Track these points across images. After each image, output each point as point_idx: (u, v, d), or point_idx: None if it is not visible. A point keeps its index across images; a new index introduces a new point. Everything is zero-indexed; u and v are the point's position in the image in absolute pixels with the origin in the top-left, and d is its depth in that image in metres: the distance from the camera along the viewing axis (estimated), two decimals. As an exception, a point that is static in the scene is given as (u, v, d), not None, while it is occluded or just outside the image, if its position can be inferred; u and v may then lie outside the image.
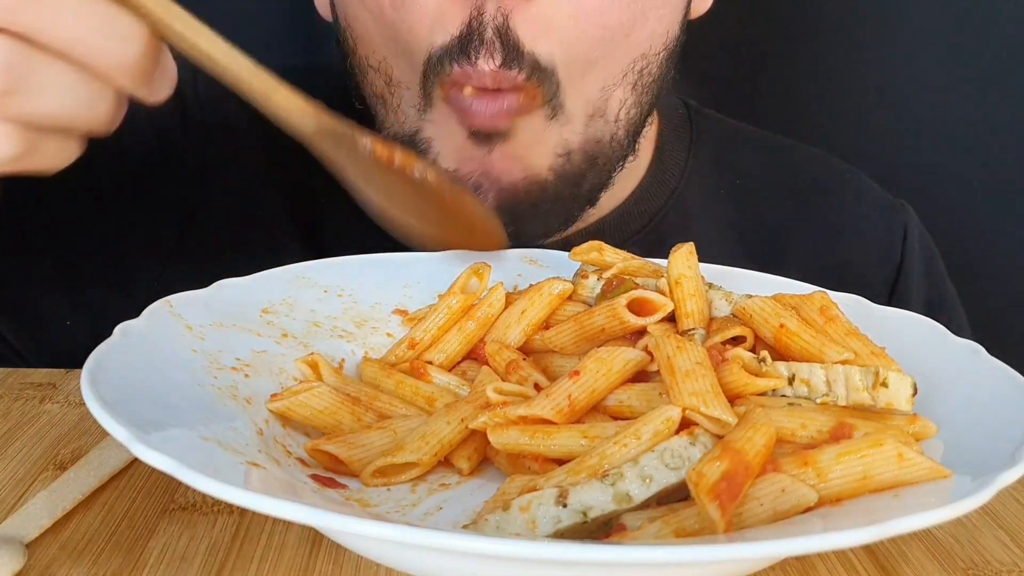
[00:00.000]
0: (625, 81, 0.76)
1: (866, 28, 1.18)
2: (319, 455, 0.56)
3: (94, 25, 0.42)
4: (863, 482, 0.45)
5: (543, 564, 0.42)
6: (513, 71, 0.70)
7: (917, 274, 0.96)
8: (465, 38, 0.70)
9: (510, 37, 0.70)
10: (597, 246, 0.67)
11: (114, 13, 0.42)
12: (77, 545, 0.52)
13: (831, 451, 0.46)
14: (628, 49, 0.75)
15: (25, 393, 0.69)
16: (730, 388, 0.54)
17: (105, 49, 0.42)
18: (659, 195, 0.92)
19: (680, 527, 0.44)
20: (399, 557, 0.47)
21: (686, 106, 0.97)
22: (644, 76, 0.77)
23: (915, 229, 0.97)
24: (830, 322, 0.58)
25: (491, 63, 0.70)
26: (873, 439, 0.46)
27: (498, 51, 0.70)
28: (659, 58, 0.78)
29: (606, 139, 0.78)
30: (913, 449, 0.46)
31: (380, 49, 0.77)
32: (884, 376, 0.51)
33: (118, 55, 0.43)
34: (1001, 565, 0.53)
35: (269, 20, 1.14)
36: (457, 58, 0.71)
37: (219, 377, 0.58)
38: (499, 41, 0.70)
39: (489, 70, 0.70)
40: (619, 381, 0.56)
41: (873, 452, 0.45)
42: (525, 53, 0.71)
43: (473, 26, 0.70)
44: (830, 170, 0.99)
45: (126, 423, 0.44)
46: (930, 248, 0.99)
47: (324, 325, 0.68)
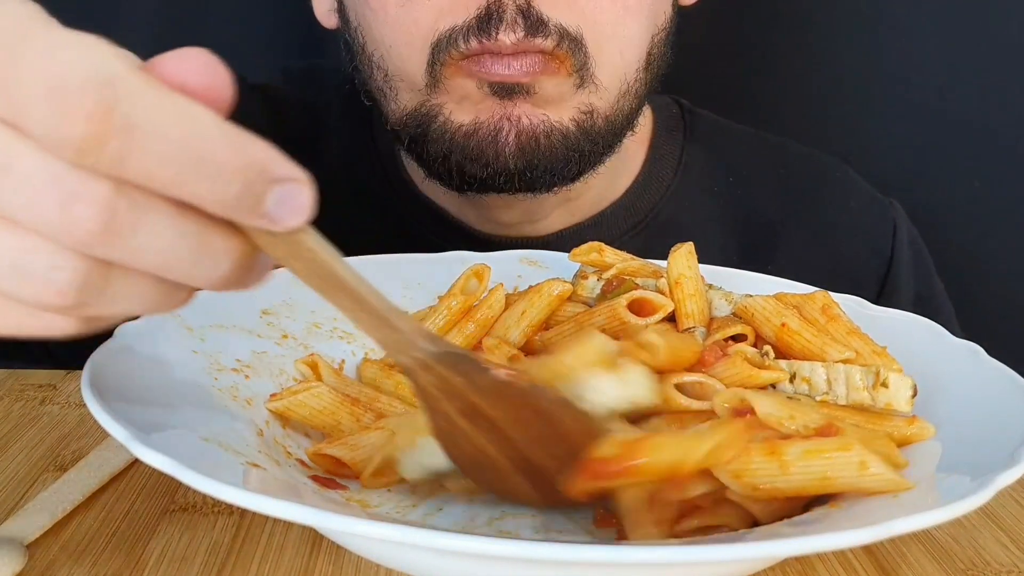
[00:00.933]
0: (645, 60, 0.79)
1: (862, 26, 1.18)
2: (321, 459, 0.56)
3: (181, 252, 0.37)
4: (823, 482, 0.46)
5: (543, 564, 0.42)
6: (539, 39, 0.71)
7: (906, 269, 0.97)
8: (484, 18, 0.71)
9: (532, 12, 0.71)
10: (597, 247, 0.67)
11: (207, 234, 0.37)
12: (78, 546, 0.52)
13: (800, 446, 0.46)
14: (647, 28, 0.78)
15: (26, 394, 0.69)
16: (733, 381, 0.54)
17: (188, 271, 0.38)
18: (653, 192, 0.93)
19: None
20: (399, 558, 0.47)
21: (679, 105, 0.99)
22: (652, 56, 0.80)
23: (904, 225, 0.98)
24: (832, 321, 0.58)
25: (512, 36, 0.71)
26: (841, 442, 0.46)
27: (520, 26, 0.71)
28: (660, 38, 0.81)
29: (627, 111, 0.80)
30: (884, 460, 0.46)
31: (379, 45, 0.78)
32: (885, 376, 0.52)
33: (202, 275, 0.38)
34: (1000, 566, 0.53)
35: (271, 22, 1.14)
36: (476, 34, 0.72)
37: (219, 378, 0.58)
38: (521, 17, 0.71)
39: (511, 41, 0.71)
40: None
41: (837, 455, 0.46)
42: (551, 24, 0.72)
43: (492, 8, 0.71)
44: (821, 167, 1.00)
45: (126, 424, 0.44)
46: (918, 244, 1.00)
47: (324, 326, 0.68)
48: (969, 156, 1.19)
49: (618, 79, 0.77)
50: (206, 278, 0.38)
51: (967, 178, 1.20)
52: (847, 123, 1.20)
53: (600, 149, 0.80)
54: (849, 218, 0.97)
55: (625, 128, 0.82)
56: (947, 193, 1.19)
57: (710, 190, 0.95)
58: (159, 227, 0.36)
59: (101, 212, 0.34)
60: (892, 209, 0.99)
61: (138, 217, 0.35)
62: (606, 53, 0.75)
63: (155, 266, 0.37)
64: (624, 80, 0.78)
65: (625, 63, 0.77)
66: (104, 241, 0.35)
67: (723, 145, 0.98)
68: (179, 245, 0.36)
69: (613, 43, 0.75)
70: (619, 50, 0.76)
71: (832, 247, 0.95)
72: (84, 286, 0.36)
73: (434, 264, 0.74)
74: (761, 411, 0.49)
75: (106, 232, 0.35)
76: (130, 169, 0.34)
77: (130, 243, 0.35)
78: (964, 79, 1.17)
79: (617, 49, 0.76)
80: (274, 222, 0.37)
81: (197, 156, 0.34)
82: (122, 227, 0.35)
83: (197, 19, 1.06)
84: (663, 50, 0.82)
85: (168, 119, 0.34)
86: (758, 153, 0.99)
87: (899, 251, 0.97)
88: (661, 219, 0.92)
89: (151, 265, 0.37)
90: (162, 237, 0.36)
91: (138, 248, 0.36)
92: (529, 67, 0.73)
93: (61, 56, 0.33)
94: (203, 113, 0.35)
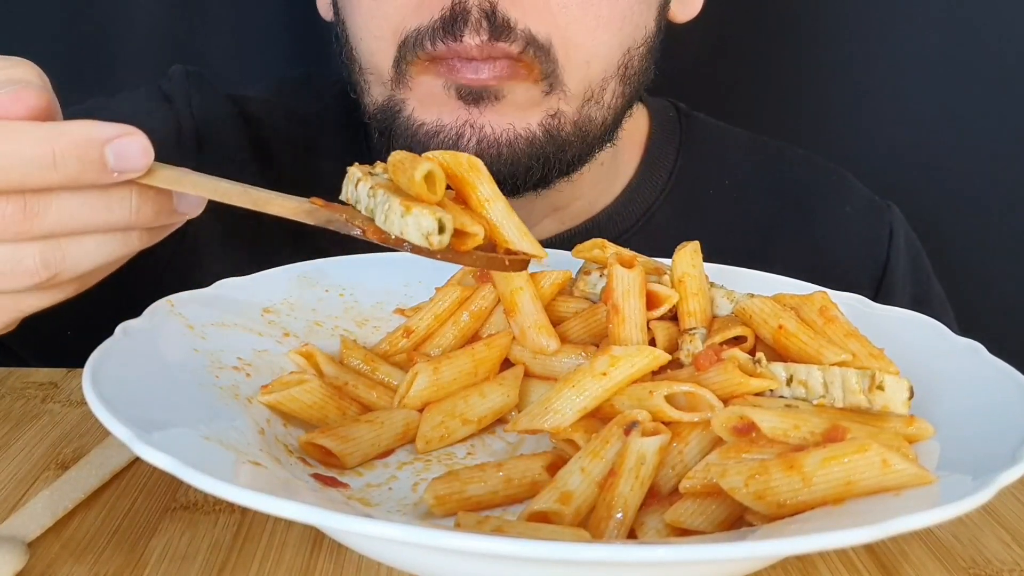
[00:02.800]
0: (618, 72, 0.79)
1: (860, 28, 1.18)
2: (311, 449, 0.56)
3: (91, 208, 0.49)
4: (847, 487, 0.45)
5: (543, 564, 0.42)
6: (504, 43, 0.71)
7: (903, 273, 0.97)
8: (448, 20, 0.71)
9: (498, 15, 0.71)
10: (599, 243, 0.67)
11: (106, 193, 0.49)
12: (79, 544, 0.52)
13: (816, 455, 0.46)
14: (621, 40, 0.78)
15: (27, 392, 0.69)
16: (724, 388, 0.54)
17: (107, 218, 0.49)
18: (647, 195, 0.93)
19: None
20: (400, 556, 0.47)
21: (676, 108, 0.99)
22: (629, 69, 0.80)
23: (900, 228, 0.98)
24: (829, 323, 0.58)
25: (477, 39, 0.71)
26: (858, 444, 0.46)
27: (485, 29, 0.71)
28: (639, 52, 0.80)
29: (598, 121, 0.80)
30: (900, 454, 0.46)
31: (354, 37, 0.79)
32: (880, 379, 0.51)
33: (121, 217, 0.50)
34: (1002, 564, 0.53)
35: (269, 33, 1.15)
36: (441, 36, 0.72)
37: (220, 376, 0.58)
38: (486, 20, 0.71)
39: (476, 44, 0.71)
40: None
41: (857, 457, 0.45)
42: (518, 29, 0.72)
43: (457, 10, 0.71)
44: (817, 170, 1.00)
45: (127, 422, 0.44)
46: (916, 247, 1.00)
47: (325, 324, 0.68)
48: (969, 158, 1.19)
49: (583, 86, 0.77)
50: (129, 221, 0.50)
51: (967, 179, 1.20)
52: (846, 127, 1.20)
53: (568, 157, 0.80)
54: (844, 222, 0.97)
55: (600, 139, 0.82)
56: (947, 194, 1.19)
57: (705, 193, 0.95)
58: (62, 201, 0.48)
59: (15, 209, 0.47)
60: (889, 213, 0.98)
61: (41, 201, 0.47)
62: (573, 61, 0.75)
63: (83, 226, 0.49)
64: (589, 87, 0.77)
65: (591, 71, 0.77)
66: (31, 224, 0.47)
67: (719, 149, 0.98)
68: (90, 206, 0.48)
69: (581, 52, 0.75)
70: (586, 59, 0.76)
71: (827, 251, 0.95)
72: (46, 260, 0.49)
73: (435, 262, 0.74)
74: (765, 426, 0.49)
75: (27, 218, 0.47)
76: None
77: (50, 218, 0.48)
78: (964, 80, 1.17)
79: (584, 58, 0.76)
80: (125, 172, 0.48)
81: (29, 155, 0.46)
82: (36, 210, 0.47)
83: (197, 27, 1.06)
84: (644, 65, 0.82)
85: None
86: (755, 157, 0.99)
87: (894, 256, 0.97)
88: (654, 224, 0.92)
89: (79, 226, 0.48)
90: (71, 206, 0.48)
91: (60, 219, 0.48)
92: (498, 72, 0.73)
93: None
94: (22, 126, 0.46)
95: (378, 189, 0.53)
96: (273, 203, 0.53)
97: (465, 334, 0.66)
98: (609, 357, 0.56)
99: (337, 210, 0.54)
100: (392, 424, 0.59)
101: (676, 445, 0.52)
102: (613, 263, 0.61)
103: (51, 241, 0.49)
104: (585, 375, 0.56)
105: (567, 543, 0.40)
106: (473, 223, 0.53)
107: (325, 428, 0.57)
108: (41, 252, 0.48)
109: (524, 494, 0.53)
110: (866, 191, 1.00)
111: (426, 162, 0.52)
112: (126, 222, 0.50)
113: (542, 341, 0.63)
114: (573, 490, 0.50)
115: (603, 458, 0.51)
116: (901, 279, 0.97)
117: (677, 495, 0.50)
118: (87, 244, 0.50)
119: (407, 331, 0.67)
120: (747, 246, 0.92)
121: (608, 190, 0.91)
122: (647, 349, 0.57)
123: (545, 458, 0.55)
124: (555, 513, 0.49)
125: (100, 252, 0.50)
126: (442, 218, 0.51)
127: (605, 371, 0.56)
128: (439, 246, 0.51)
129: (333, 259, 0.73)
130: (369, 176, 0.55)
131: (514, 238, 0.56)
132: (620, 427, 0.52)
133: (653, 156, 0.94)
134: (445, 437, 0.59)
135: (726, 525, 0.49)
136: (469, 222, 0.53)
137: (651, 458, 0.50)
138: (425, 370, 0.60)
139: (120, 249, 0.51)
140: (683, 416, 0.53)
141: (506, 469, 0.54)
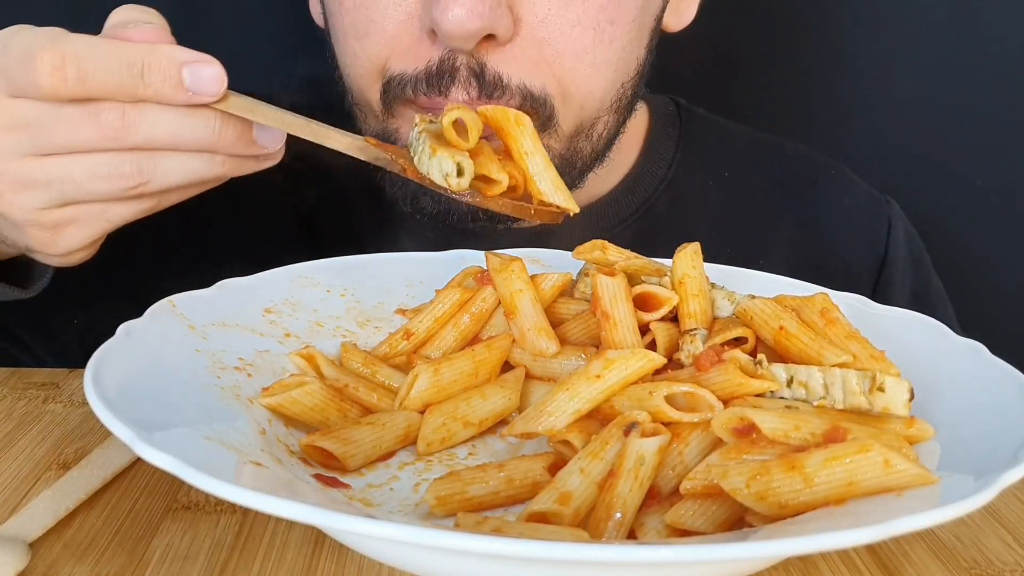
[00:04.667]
0: (612, 107, 0.79)
1: (862, 27, 1.18)
2: (312, 451, 0.56)
3: (179, 125, 0.56)
4: (849, 488, 0.45)
5: (544, 564, 0.42)
6: (496, 101, 0.71)
7: (902, 267, 0.97)
8: (434, 75, 0.71)
9: (487, 73, 0.71)
10: (600, 245, 0.67)
11: (191, 113, 0.56)
12: (80, 544, 0.52)
13: (818, 456, 0.46)
14: (615, 81, 0.78)
15: (28, 393, 0.69)
16: (724, 389, 0.54)
17: (194, 136, 0.56)
18: (646, 186, 0.93)
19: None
20: (402, 556, 0.47)
21: (676, 104, 0.99)
22: (623, 100, 0.81)
23: (899, 223, 0.98)
24: (830, 325, 0.58)
25: (465, 95, 0.71)
26: (860, 444, 0.46)
27: (474, 87, 0.71)
28: (632, 82, 0.81)
29: (587, 151, 0.81)
30: (902, 454, 0.46)
31: (344, 69, 0.79)
32: (881, 381, 0.51)
33: (206, 137, 0.56)
34: (1004, 565, 0.53)
35: (270, 33, 1.15)
36: (424, 89, 0.72)
37: (222, 377, 0.58)
38: (475, 79, 0.71)
39: (464, 100, 0.71)
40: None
41: (859, 458, 0.45)
42: (513, 85, 0.72)
43: (444, 67, 0.71)
44: (816, 165, 1.00)
45: (129, 423, 0.44)
46: (915, 241, 1.00)
47: (327, 325, 0.68)
48: (970, 155, 1.19)
49: (575, 125, 0.78)
50: (212, 141, 0.56)
51: (968, 177, 1.20)
52: (846, 123, 1.20)
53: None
54: (843, 216, 0.97)
55: (589, 166, 0.82)
56: (948, 192, 1.19)
57: (704, 186, 0.95)
58: (155, 115, 0.55)
59: (115, 116, 0.55)
60: (888, 208, 0.99)
61: (137, 112, 0.55)
62: (569, 106, 0.76)
63: (171, 140, 0.56)
64: (580, 127, 0.78)
65: (584, 113, 0.77)
66: (128, 132, 0.55)
67: (719, 143, 0.98)
68: (179, 123, 0.55)
69: (576, 99, 0.76)
70: (580, 104, 0.76)
71: (826, 245, 0.95)
72: (140, 167, 0.56)
73: (436, 262, 0.74)
74: (766, 427, 0.49)
75: (125, 126, 0.55)
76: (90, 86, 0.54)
77: (144, 128, 0.55)
78: (966, 76, 1.17)
79: (579, 103, 0.76)
80: (198, 95, 0.55)
81: (126, 63, 0.54)
82: (133, 119, 0.55)
83: (201, 26, 1.06)
84: (636, 90, 0.82)
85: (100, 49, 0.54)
86: (754, 151, 0.99)
87: (893, 249, 0.97)
88: (653, 214, 0.92)
89: (168, 140, 0.56)
90: (163, 121, 0.55)
91: (152, 131, 0.55)
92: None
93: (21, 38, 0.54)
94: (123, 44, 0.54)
95: (424, 134, 0.60)
96: (332, 137, 0.60)
97: (466, 336, 0.66)
98: (604, 360, 0.56)
99: (387, 150, 0.61)
100: (393, 426, 0.58)
101: (676, 446, 0.52)
102: (595, 273, 0.62)
103: (145, 152, 0.56)
104: (580, 378, 0.56)
105: (566, 543, 0.40)
106: (500, 171, 0.60)
107: (326, 430, 0.57)
108: (137, 160, 0.56)
109: (525, 495, 0.53)
110: (865, 185, 1.00)
111: (454, 111, 0.60)
112: (209, 142, 0.56)
113: (541, 344, 0.63)
114: (572, 491, 0.50)
115: (603, 459, 0.51)
116: (900, 273, 0.97)
117: (677, 496, 0.50)
118: (176, 159, 0.57)
119: (407, 333, 0.67)
120: (746, 238, 0.93)
121: (606, 182, 0.91)
122: (641, 352, 0.57)
123: (547, 459, 0.55)
124: (554, 514, 0.49)
125: (187, 168, 0.57)
126: (461, 162, 0.58)
127: (599, 374, 0.56)
128: (457, 187, 0.59)
129: (334, 259, 0.73)
130: (426, 122, 0.62)
131: (548, 191, 0.62)
132: (620, 428, 0.52)
133: (653, 148, 0.94)
134: (446, 439, 0.59)
135: (726, 526, 0.49)
136: (496, 170, 0.59)
137: (650, 459, 0.50)
138: (425, 371, 0.60)
139: (204, 169, 0.58)
140: (683, 417, 0.53)
141: (507, 470, 0.54)
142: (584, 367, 0.57)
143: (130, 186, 0.56)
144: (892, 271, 0.96)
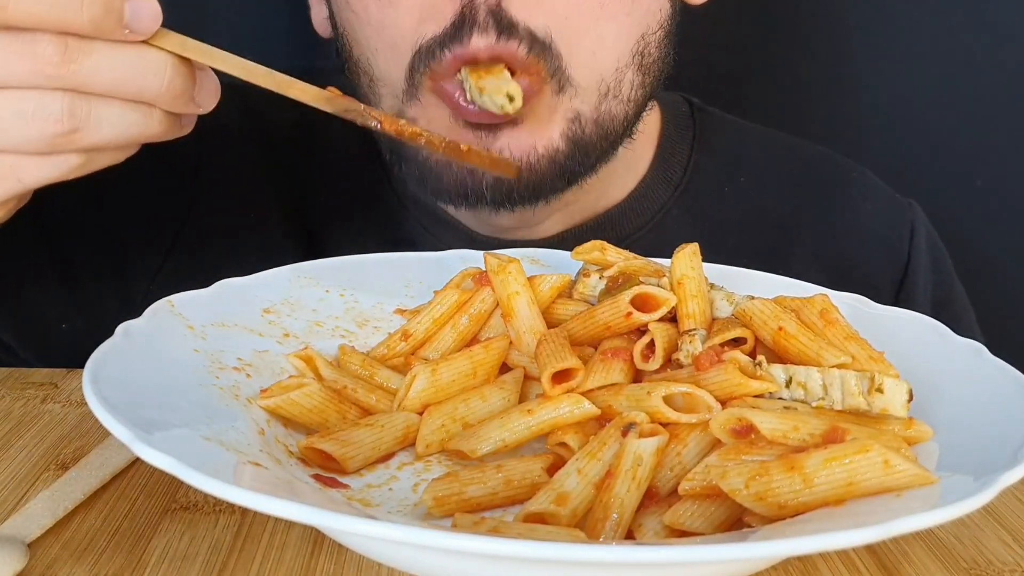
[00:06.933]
0: (634, 61, 0.77)
1: (870, 28, 1.18)
2: (311, 453, 0.56)
3: (127, 68, 0.51)
4: (848, 488, 0.45)
5: (540, 564, 0.42)
6: (512, 43, 0.71)
7: (924, 273, 0.95)
8: (458, 24, 0.71)
9: (503, 15, 0.71)
10: (599, 245, 0.67)
11: (141, 55, 0.51)
12: (79, 545, 0.52)
13: (818, 456, 0.46)
14: (631, 27, 0.76)
15: (26, 393, 0.69)
16: (723, 389, 0.54)
17: (139, 83, 0.51)
18: (663, 190, 0.91)
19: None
20: (400, 556, 0.47)
21: (689, 103, 0.97)
22: (647, 56, 0.78)
23: (922, 227, 0.96)
24: (829, 325, 0.58)
25: (484, 40, 0.71)
26: (860, 444, 0.46)
27: (492, 28, 0.71)
28: (656, 37, 0.79)
29: (620, 116, 0.79)
30: (901, 455, 0.46)
31: (365, 49, 0.78)
32: (880, 382, 0.51)
33: (152, 85, 0.52)
34: (1003, 565, 0.53)
35: (272, 27, 1.15)
36: (449, 44, 0.71)
37: (221, 377, 0.58)
38: (493, 19, 0.71)
39: (484, 45, 0.71)
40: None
41: (859, 458, 0.45)
42: (521, 27, 0.71)
43: (466, 13, 0.71)
44: (836, 167, 0.98)
45: (127, 423, 0.44)
46: (938, 247, 0.98)
47: (326, 325, 0.68)
48: (970, 156, 1.19)
49: (595, 80, 0.75)
50: (154, 87, 0.52)
51: (968, 178, 1.19)
52: (865, 124, 1.19)
53: (592, 161, 0.78)
54: (865, 220, 0.95)
55: (621, 135, 0.80)
56: (970, 194, 1.19)
57: (721, 189, 0.93)
58: (100, 54, 0.50)
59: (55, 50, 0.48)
60: (911, 211, 0.96)
61: (82, 47, 0.49)
62: (577, 54, 0.74)
63: (114, 84, 0.50)
64: (602, 80, 0.76)
65: (599, 62, 0.75)
66: (67, 69, 0.49)
67: (735, 144, 0.96)
68: (128, 65, 0.50)
69: (585, 43, 0.74)
70: (592, 50, 0.74)
71: (847, 249, 0.93)
72: (72, 110, 0.50)
73: (435, 263, 0.74)
74: (764, 428, 0.49)
75: (64, 61, 0.49)
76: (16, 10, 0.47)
77: (86, 68, 0.49)
78: (989, 78, 1.16)
79: (590, 49, 0.74)
80: (136, 31, 0.50)
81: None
82: (75, 55, 0.49)
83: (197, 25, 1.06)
84: (662, 51, 0.80)
85: None
86: (771, 153, 0.97)
87: (916, 254, 0.94)
88: (671, 218, 0.90)
89: (111, 84, 0.50)
90: (110, 60, 0.50)
91: (95, 72, 0.50)
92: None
93: None
94: None
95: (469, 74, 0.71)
96: (295, 87, 0.57)
97: (464, 338, 0.66)
98: (539, 398, 0.57)
99: (355, 102, 0.59)
100: (392, 427, 0.58)
101: (674, 446, 0.52)
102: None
103: (80, 95, 0.50)
104: (515, 410, 0.57)
105: (563, 543, 0.40)
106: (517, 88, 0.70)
107: (325, 432, 0.57)
108: (70, 101, 0.50)
109: (524, 495, 0.53)
110: (887, 188, 0.98)
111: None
112: (155, 92, 0.52)
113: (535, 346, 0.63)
114: (569, 491, 0.50)
115: (600, 459, 0.51)
116: (923, 279, 0.94)
117: (675, 497, 0.50)
118: (113, 108, 0.51)
119: (405, 334, 0.67)
120: (764, 245, 0.91)
121: (620, 185, 0.89)
122: (577, 399, 0.57)
123: (545, 459, 0.55)
124: (551, 514, 0.49)
125: (121, 122, 0.52)
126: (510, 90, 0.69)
127: (532, 409, 0.56)
128: None
129: (333, 259, 0.73)
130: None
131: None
132: (617, 428, 0.52)
133: (667, 152, 0.92)
134: (445, 440, 0.59)
135: (725, 527, 0.49)
136: None
137: (648, 459, 0.50)
138: (423, 372, 0.60)
139: (139, 126, 0.53)
140: (681, 417, 0.53)
141: (506, 470, 0.53)
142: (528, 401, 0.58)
143: (56, 132, 0.50)
144: (915, 280, 0.94)
